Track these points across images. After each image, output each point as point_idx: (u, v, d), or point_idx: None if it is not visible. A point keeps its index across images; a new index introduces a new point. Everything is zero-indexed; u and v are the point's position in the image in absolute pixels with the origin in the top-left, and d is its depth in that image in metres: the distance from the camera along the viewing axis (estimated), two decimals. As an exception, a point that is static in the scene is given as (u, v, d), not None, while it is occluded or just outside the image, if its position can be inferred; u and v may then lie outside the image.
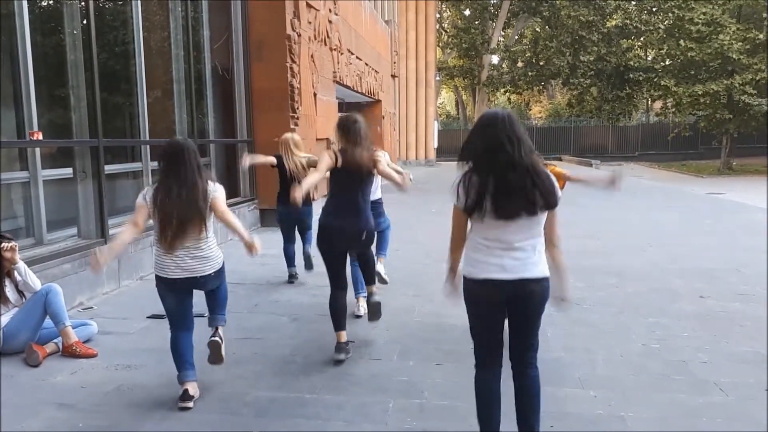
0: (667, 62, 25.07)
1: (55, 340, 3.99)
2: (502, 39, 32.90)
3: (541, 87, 35.73)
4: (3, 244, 3.94)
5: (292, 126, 9.27)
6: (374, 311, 4.17)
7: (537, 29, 33.90)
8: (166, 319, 4.60)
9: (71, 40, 5.73)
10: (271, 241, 8.20)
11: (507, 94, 36.29)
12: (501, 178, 2.38)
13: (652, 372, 3.64)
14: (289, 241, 6.11)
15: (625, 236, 8.40)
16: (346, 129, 3.81)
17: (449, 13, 37.73)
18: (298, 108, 9.41)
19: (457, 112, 46.96)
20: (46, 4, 6.49)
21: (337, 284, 3.95)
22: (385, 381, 3.54)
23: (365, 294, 4.40)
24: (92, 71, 5.63)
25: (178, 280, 3.21)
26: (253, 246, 3.24)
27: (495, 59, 33.79)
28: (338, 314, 3.90)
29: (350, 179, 3.78)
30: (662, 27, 24.82)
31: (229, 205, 8.60)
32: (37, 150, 5.31)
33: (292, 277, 6.00)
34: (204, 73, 8.68)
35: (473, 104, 36.96)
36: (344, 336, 3.88)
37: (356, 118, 3.89)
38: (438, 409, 3.19)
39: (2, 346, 3.89)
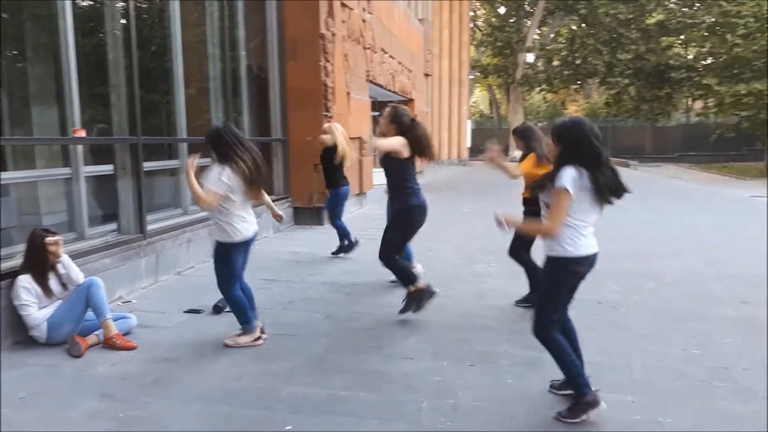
0: (709, 60, 24.42)
1: (96, 332, 4.09)
2: (537, 37, 32.52)
3: (577, 86, 35.21)
4: (48, 238, 4.07)
5: (325, 124, 9.32)
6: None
7: (573, 27, 33.40)
8: (202, 314, 4.75)
9: (112, 40, 5.87)
10: (304, 238, 8.31)
11: (542, 92, 35.90)
12: (606, 169, 2.87)
13: (692, 378, 3.55)
14: (341, 218, 7.10)
15: (664, 240, 8.22)
16: (412, 126, 4.48)
17: (484, 11, 37.46)
18: (331, 107, 9.46)
19: (490, 110, 46.60)
20: (87, 4, 6.66)
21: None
22: (418, 380, 3.53)
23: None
24: (132, 70, 5.75)
25: (252, 237, 4.07)
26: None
27: (530, 57, 33.42)
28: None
29: (413, 165, 4.52)
30: (706, 23, 24.10)
31: (263, 204, 8.75)
32: (79, 147, 5.46)
33: (355, 244, 6.99)
34: (240, 72, 8.79)
35: (507, 103, 36.62)
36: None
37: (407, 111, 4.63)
38: (472, 409, 3.17)
39: (47, 337, 4.02)
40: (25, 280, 4.00)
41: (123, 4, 5.77)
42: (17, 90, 7.63)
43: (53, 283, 4.14)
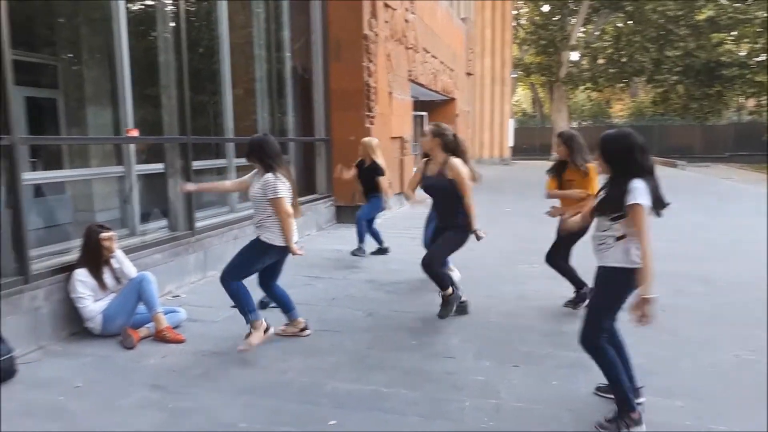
0: (763, 57, 23.52)
1: (147, 325, 4.23)
2: (582, 35, 31.92)
3: (623, 84, 34.39)
4: (103, 234, 4.23)
5: (367, 125, 9.40)
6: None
7: (619, 24, 32.61)
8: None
9: (163, 42, 6.03)
10: (346, 237, 8.37)
11: (587, 91, 35.23)
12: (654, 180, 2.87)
13: (746, 384, 3.44)
14: (372, 223, 7.26)
15: (713, 241, 7.96)
16: (456, 142, 4.53)
17: (527, 9, 36.96)
18: (374, 107, 9.52)
19: (533, 109, 45.97)
20: (138, 8, 6.87)
21: None
22: (461, 379, 3.53)
23: None
24: (182, 72, 5.89)
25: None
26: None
27: (574, 56, 32.81)
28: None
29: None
30: (759, 19, 23.19)
31: (306, 202, 8.92)
32: (132, 146, 5.64)
33: (361, 252, 7.09)
34: (284, 73, 8.93)
35: (550, 102, 36.04)
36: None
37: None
38: (515, 410, 3.15)
39: (101, 329, 4.18)
40: (81, 274, 4.17)
41: (173, 7, 5.92)
42: (73, 92, 7.93)
43: (107, 277, 4.30)
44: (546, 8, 33.71)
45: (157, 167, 6.04)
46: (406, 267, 6.31)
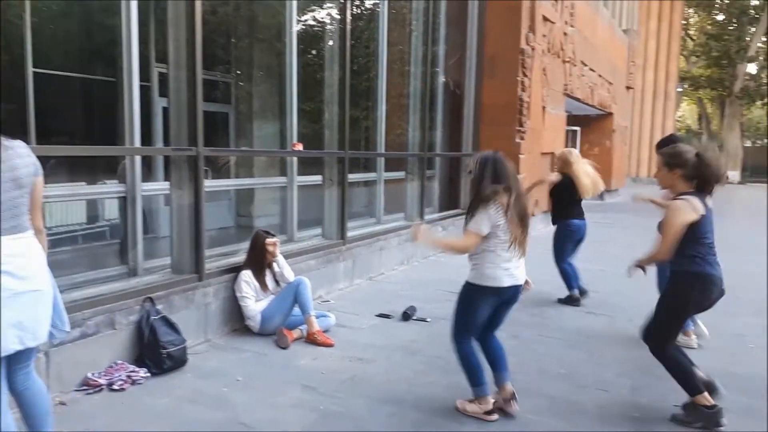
0: None
1: (300, 327, 4.48)
2: (762, 45, 28.80)
3: (812, 99, 30.43)
4: (268, 239, 4.56)
5: (517, 140, 9.23)
6: None
7: (810, 32, 28.96)
8: (392, 320, 4.94)
9: (328, 60, 6.36)
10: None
11: (765, 107, 31.68)
12: None
13: None
14: (568, 260, 5.80)
15: None
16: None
17: (697, 18, 34.13)
18: (525, 122, 9.33)
19: (699, 126, 42.22)
20: (304, 27, 7.35)
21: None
22: (612, 413, 3.31)
23: None
24: (344, 89, 6.11)
25: (508, 288, 3.19)
26: None
27: (752, 68, 29.69)
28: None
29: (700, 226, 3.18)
30: None
31: (450, 217, 8.89)
32: (295, 158, 6.02)
33: (577, 301, 5.68)
34: (436, 89, 9.05)
35: (721, 118, 32.87)
36: None
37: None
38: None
39: (260, 328, 4.49)
40: (246, 275, 4.53)
41: (340, 25, 6.19)
42: (243, 106, 8.65)
43: (269, 279, 4.63)
44: (721, 17, 30.92)
45: (316, 179, 6.39)
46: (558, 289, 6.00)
